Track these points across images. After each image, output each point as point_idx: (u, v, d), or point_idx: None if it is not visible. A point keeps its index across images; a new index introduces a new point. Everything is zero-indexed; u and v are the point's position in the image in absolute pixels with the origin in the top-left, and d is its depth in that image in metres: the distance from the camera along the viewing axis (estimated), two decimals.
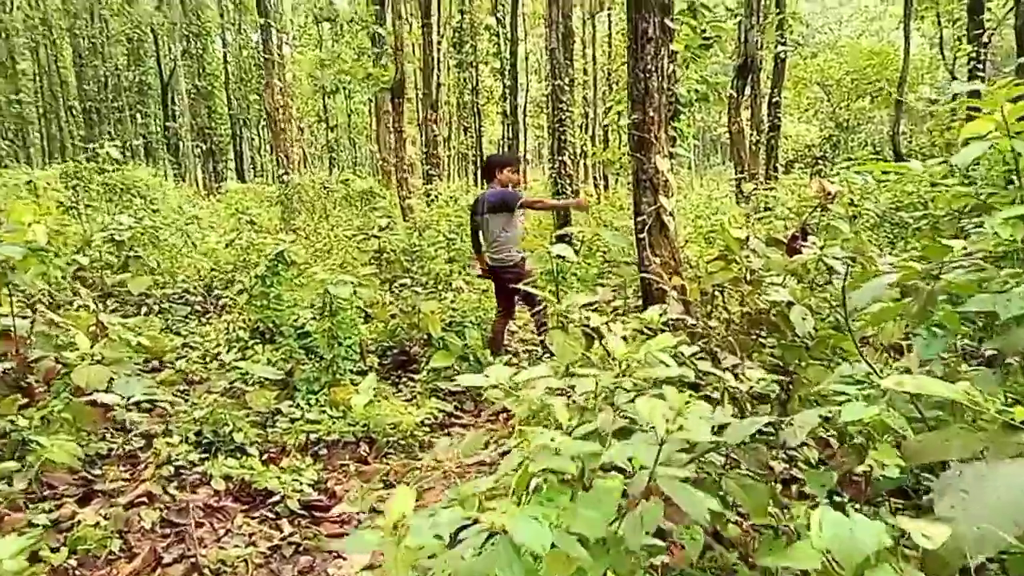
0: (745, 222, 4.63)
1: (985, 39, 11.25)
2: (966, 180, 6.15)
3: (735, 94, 9.23)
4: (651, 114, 4.22)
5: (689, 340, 3.53)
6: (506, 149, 34.31)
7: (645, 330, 2.80)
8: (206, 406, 3.98)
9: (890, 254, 3.77)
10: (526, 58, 35.97)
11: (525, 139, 32.86)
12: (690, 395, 2.15)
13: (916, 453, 1.51)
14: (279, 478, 3.47)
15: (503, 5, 29.31)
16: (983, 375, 1.76)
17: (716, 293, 4.34)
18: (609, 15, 28.70)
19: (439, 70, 29.14)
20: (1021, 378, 1.68)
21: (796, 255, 4.05)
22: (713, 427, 1.93)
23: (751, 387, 2.24)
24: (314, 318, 5.08)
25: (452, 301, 6.40)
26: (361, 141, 37.46)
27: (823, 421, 1.76)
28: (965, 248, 1.96)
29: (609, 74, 27.05)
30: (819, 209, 3.94)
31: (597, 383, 2.25)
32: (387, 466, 3.80)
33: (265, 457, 3.80)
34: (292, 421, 4.18)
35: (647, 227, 4.25)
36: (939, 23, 23.56)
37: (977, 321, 2.18)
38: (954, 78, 23.70)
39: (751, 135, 12.03)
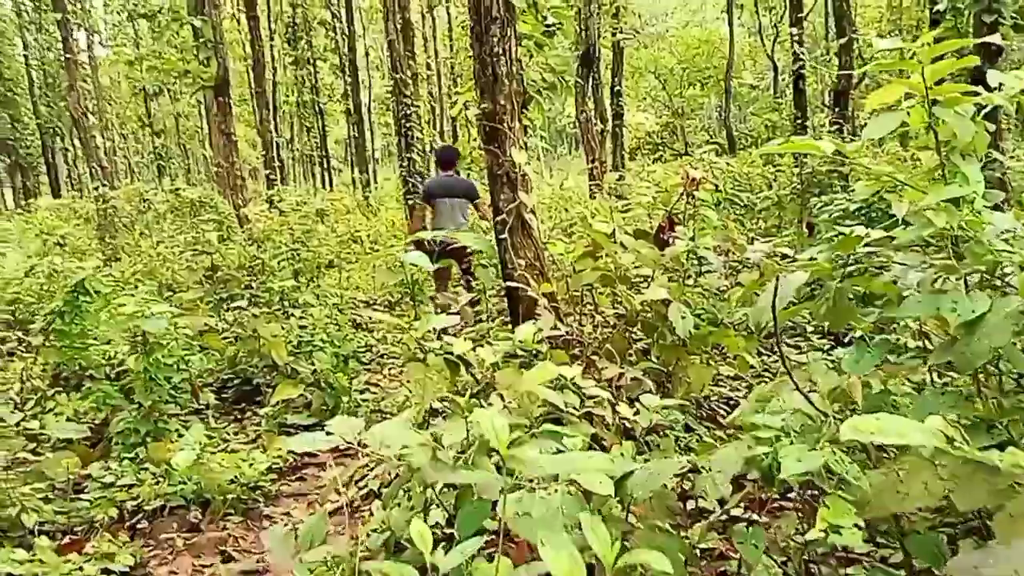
0: (608, 214, 4.37)
1: (804, 23, 11.90)
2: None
3: (581, 83, 9.12)
4: (502, 102, 3.84)
5: (563, 349, 3.20)
6: (353, 149, 33.20)
7: (519, 352, 2.41)
8: None
9: (754, 239, 3.61)
10: (367, 54, 34.89)
11: (372, 137, 31.88)
12: (583, 438, 1.78)
13: (869, 507, 1.20)
14: (81, 569, 2.78)
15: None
16: (928, 397, 1.49)
17: (585, 293, 4.04)
18: (448, 8, 28.31)
19: (274, 68, 27.60)
20: (979, 400, 1.44)
21: (666, 247, 3.82)
22: (614, 477, 1.56)
23: (651, 420, 1.89)
24: (132, 354, 4.30)
25: (300, 318, 5.76)
26: (193, 146, 34.88)
27: (746, 463, 1.43)
28: (869, 238, 1.69)
29: (453, 67, 26.68)
30: (685, 197, 3.73)
31: (468, 430, 1.82)
32: (225, 532, 3.19)
33: (67, 541, 3.08)
34: (105, 488, 3.45)
35: (507, 227, 3.88)
36: (757, 12, 25.14)
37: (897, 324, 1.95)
38: (774, 63, 25.40)
39: (596, 124, 12.06)
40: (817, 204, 5.50)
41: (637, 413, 1.94)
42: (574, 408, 2.14)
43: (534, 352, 2.42)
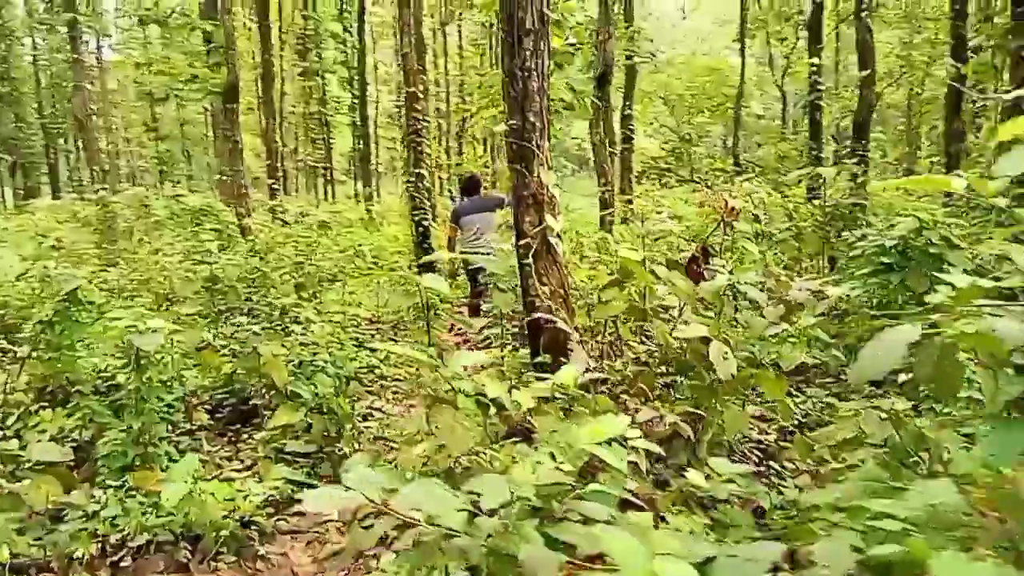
0: (633, 241, 4.15)
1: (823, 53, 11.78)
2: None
3: (598, 104, 8.95)
4: (531, 119, 3.62)
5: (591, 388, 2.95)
6: (358, 161, 33.06)
7: (557, 394, 2.16)
8: None
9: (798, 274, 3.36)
10: (375, 68, 34.83)
11: (377, 151, 31.73)
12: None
13: None
14: None
15: (349, 12, 28.22)
16: None
17: (609, 325, 3.80)
18: (459, 27, 28.31)
19: (282, 78, 27.53)
20: None
21: (699, 279, 3.58)
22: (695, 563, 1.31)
23: (727, 492, 1.63)
24: (125, 369, 4.03)
25: (302, 334, 5.50)
26: (196, 153, 34.70)
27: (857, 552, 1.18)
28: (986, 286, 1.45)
29: (461, 85, 26.63)
30: (721, 226, 3.50)
31: (513, 493, 1.57)
32: (215, 574, 2.92)
33: None
34: (87, 518, 3.17)
35: (531, 251, 3.64)
36: (768, 42, 25.12)
37: None
38: (783, 93, 25.36)
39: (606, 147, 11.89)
40: (847, 239, 5.27)
41: (708, 478, 1.69)
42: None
43: (573, 395, 2.17)
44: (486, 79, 9.11)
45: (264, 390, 4.83)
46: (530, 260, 3.61)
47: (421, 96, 10.41)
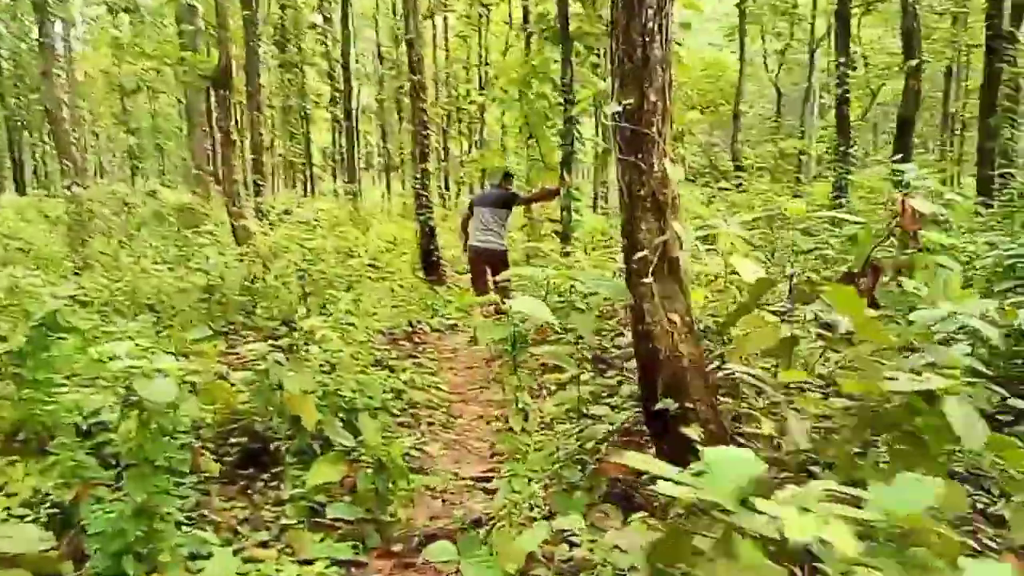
0: (751, 251, 3.39)
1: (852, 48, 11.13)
2: None
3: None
4: (652, 98, 2.83)
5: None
6: (340, 157, 32.04)
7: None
8: None
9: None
10: (356, 61, 33.72)
11: (359, 146, 30.69)
12: None
13: None
14: None
15: (330, 2, 27.19)
16: None
17: (748, 362, 3.04)
18: (445, 18, 27.35)
19: (258, 72, 26.38)
20: None
21: (872, 305, 2.83)
22: None
23: None
24: (120, 412, 3.18)
25: (321, 362, 4.66)
26: (169, 147, 33.34)
27: None
28: None
29: (448, 78, 25.75)
30: (893, 236, 2.76)
31: None
32: None
33: None
34: None
35: (651, 268, 2.85)
36: (763, 38, 24.59)
37: None
38: (778, 90, 24.87)
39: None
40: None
41: None
42: None
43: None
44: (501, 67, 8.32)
45: (286, 427, 3.97)
46: (650, 279, 2.82)
47: (428, 85, 9.57)
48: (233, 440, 4.26)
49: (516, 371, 2.86)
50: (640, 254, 2.84)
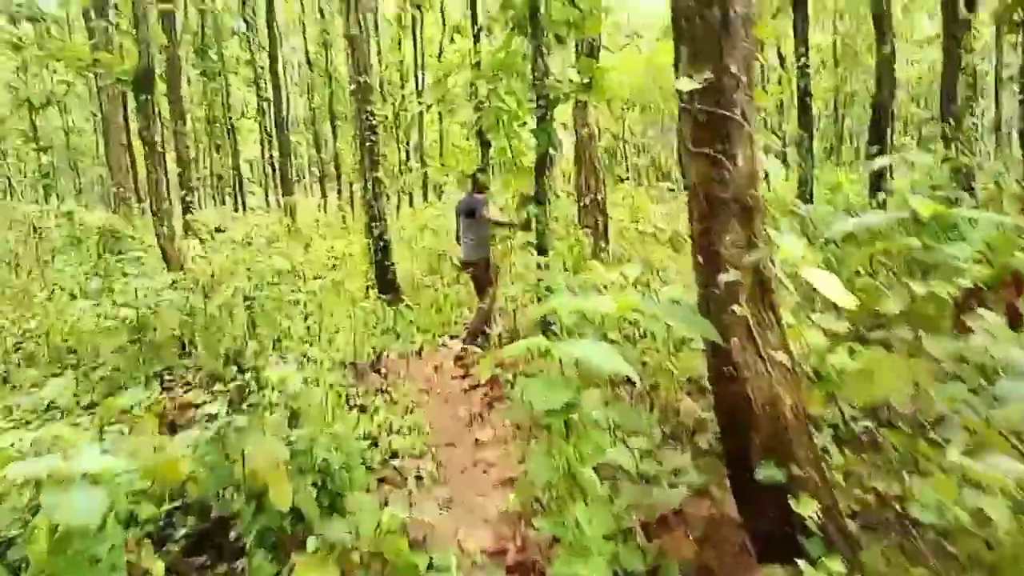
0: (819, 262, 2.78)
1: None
2: None
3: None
4: (734, 70, 2.18)
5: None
6: (271, 169, 30.68)
7: None
8: None
9: None
10: (283, 69, 32.34)
11: (293, 159, 29.36)
12: None
13: None
14: None
15: (252, 9, 25.95)
16: None
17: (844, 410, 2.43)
18: (376, 22, 26.32)
19: (181, 76, 24.91)
20: None
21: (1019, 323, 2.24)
22: None
23: None
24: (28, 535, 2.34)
25: (284, 400, 3.87)
26: (85, 165, 31.30)
27: None
28: None
29: (402, 79, 24.75)
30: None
31: None
32: None
33: None
34: None
35: (742, 292, 2.20)
36: None
37: None
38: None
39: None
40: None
41: None
42: None
43: None
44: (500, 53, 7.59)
45: (250, 509, 3.16)
46: (742, 307, 2.16)
47: (376, 87, 8.76)
48: (175, 521, 3.43)
49: (569, 438, 2.16)
50: (727, 276, 2.17)
